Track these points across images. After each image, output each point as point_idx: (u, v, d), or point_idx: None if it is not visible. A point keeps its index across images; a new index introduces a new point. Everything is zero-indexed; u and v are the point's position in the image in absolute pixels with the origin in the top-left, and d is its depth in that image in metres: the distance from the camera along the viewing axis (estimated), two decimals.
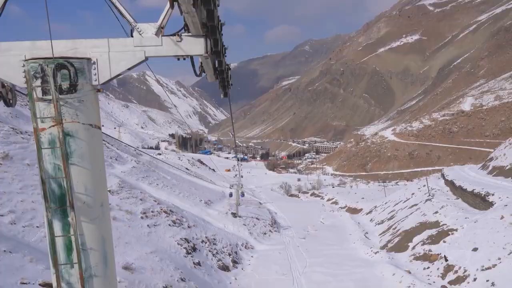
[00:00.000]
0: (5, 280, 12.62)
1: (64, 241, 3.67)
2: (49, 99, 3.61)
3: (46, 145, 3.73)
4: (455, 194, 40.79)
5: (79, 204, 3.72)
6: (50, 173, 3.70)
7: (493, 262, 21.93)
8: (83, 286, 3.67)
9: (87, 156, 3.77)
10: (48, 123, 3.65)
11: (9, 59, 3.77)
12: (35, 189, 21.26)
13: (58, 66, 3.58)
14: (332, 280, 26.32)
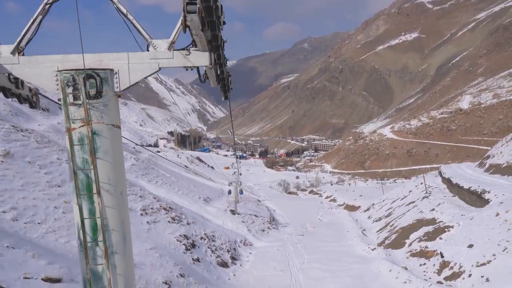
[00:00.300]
0: (8, 275, 12.87)
1: (91, 223, 4.30)
2: (79, 104, 4.21)
3: (77, 142, 4.27)
4: (452, 191, 41.13)
5: (103, 192, 4.32)
6: (80, 165, 4.26)
7: (488, 258, 22.23)
8: (107, 261, 4.32)
9: (110, 151, 4.37)
10: (78, 124, 4.21)
11: (43, 70, 4.41)
12: (36, 186, 21.56)
13: (87, 76, 4.20)
14: (329, 276, 26.66)
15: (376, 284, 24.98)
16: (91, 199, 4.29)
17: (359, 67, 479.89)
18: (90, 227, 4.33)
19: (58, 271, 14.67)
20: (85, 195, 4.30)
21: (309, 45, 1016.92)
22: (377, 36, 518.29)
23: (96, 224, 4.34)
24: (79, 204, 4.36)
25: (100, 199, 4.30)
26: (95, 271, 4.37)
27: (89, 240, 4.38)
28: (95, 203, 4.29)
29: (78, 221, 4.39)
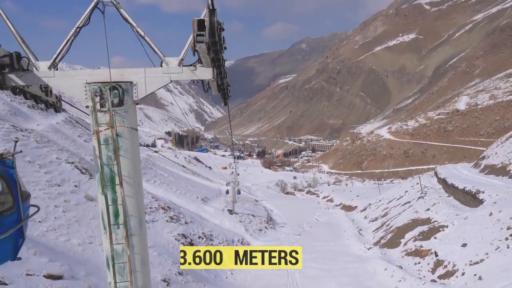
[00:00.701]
0: (11, 271, 13.18)
1: (113, 209, 4.99)
2: (105, 110, 4.91)
3: (103, 142, 4.96)
4: (447, 191, 41.58)
5: (124, 184, 5.01)
6: (105, 161, 4.93)
7: (481, 257, 22.66)
8: (127, 242, 5.01)
9: (129, 150, 5.09)
10: (104, 127, 4.90)
11: (74, 82, 5.16)
12: (36, 185, 21.86)
13: (111, 87, 4.91)
14: (325, 275, 27.05)
15: (371, 282, 25.37)
16: (114, 190, 5.02)
17: (356, 67, 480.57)
18: (113, 213, 5.04)
19: (59, 268, 15.02)
20: (109, 186, 5.03)
21: (307, 45, 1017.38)
22: (374, 37, 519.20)
23: (118, 211, 5.05)
24: (104, 194, 5.03)
25: (122, 189, 5.01)
26: (117, 249, 5.07)
27: (112, 223, 5.09)
28: (117, 193, 5.01)
29: (102, 207, 5.10)
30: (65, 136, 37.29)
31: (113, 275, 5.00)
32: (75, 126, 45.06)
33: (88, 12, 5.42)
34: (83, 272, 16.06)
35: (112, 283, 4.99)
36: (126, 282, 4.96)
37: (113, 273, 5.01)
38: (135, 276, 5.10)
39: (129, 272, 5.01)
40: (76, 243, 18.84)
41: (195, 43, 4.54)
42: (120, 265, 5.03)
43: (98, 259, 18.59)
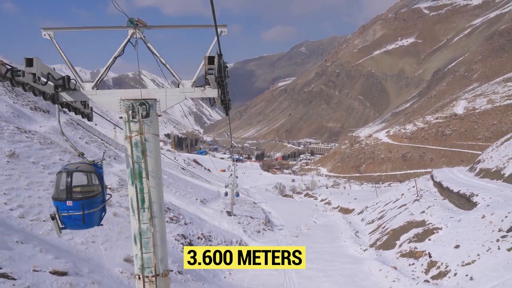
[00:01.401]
0: (19, 267, 13.79)
1: (141, 197, 6.09)
2: (136, 121, 6.08)
3: (134, 145, 6.10)
4: (443, 194, 42.21)
5: (150, 177, 6.12)
6: (135, 160, 6.06)
7: (473, 258, 23.27)
8: (151, 222, 6.13)
9: (153, 151, 6.21)
10: (135, 134, 6.06)
11: (111, 99, 6.36)
12: (40, 185, 22.44)
13: (141, 103, 6.06)
14: (322, 275, 27.65)
15: (366, 282, 25.98)
16: (141, 182, 6.10)
17: (355, 71, 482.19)
18: (141, 200, 6.14)
19: (64, 265, 15.62)
20: (138, 179, 6.13)
21: (307, 48, 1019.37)
22: (374, 40, 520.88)
23: (144, 198, 6.14)
24: (134, 185, 6.15)
25: (148, 181, 6.12)
26: (143, 228, 6.16)
27: (140, 207, 6.18)
28: (144, 184, 6.11)
29: (132, 195, 6.20)
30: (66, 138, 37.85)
31: (140, 248, 6.13)
32: (76, 128, 45.65)
33: (123, 46, 6.69)
34: (86, 269, 16.66)
35: (139, 254, 6.14)
36: (150, 253, 6.10)
37: (140, 246, 6.13)
38: (156, 249, 6.19)
39: (152, 246, 6.14)
40: (79, 242, 19.41)
41: (206, 74, 5.85)
42: (145, 240, 6.14)
43: (100, 257, 19.19)
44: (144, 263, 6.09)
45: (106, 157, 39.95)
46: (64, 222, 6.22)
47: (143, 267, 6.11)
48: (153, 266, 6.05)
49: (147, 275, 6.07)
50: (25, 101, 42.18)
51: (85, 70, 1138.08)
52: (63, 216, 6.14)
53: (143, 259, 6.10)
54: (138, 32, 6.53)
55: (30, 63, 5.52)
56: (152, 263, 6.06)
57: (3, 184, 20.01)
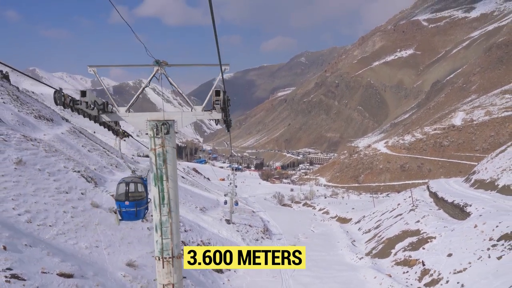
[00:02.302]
0: (28, 269, 14.53)
1: (162, 196, 7.31)
2: (159, 136, 7.27)
3: (157, 155, 7.31)
4: (438, 205, 42.97)
5: (169, 180, 7.41)
6: (158, 167, 7.27)
7: (464, 266, 24.00)
8: (170, 214, 7.41)
9: (171, 160, 7.44)
10: (158, 146, 7.27)
11: (140, 119, 7.60)
12: (46, 192, 23.22)
13: (163, 123, 7.26)
14: (318, 282, 28.33)
15: None
16: (162, 184, 7.37)
17: (355, 82, 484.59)
18: (161, 197, 7.42)
19: (70, 268, 16.36)
20: (160, 181, 7.41)
21: (306, 59, 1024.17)
22: (373, 52, 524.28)
23: (164, 196, 7.42)
24: (157, 186, 7.43)
25: (167, 183, 7.44)
26: (163, 219, 7.42)
27: (161, 203, 7.47)
28: (164, 185, 7.38)
29: (155, 194, 7.45)
30: (70, 146, 38.68)
31: (160, 235, 7.42)
32: (79, 137, 46.46)
33: (150, 79, 8.26)
34: (91, 272, 17.39)
35: (159, 240, 7.42)
36: (168, 239, 7.39)
37: (160, 234, 7.41)
38: (173, 236, 7.53)
39: (170, 233, 7.47)
40: (84, 246, 20.15)
41: (214, 103, 7.45)
42: (165, 228, 7.42)
43: (103, 261, 19.90)
44: (163, 247, 7.38)
45: (108, 166, 40.74)
46: (122, 216, 8.38)
47: (163, 250, 7.40)
48: (170, 249, 7.36)
49: (165, 257, 7.38)
50: (29, 109, 43.06)
51: (86, 78, 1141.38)
52: (123, 211, 8.31)
53: (163, 244, 7.37)
54: (161, 68, 8.00)
55: (84, 94, 7.13)
56: (169, 247, 7.38)
57: (11, 190, 20.77)
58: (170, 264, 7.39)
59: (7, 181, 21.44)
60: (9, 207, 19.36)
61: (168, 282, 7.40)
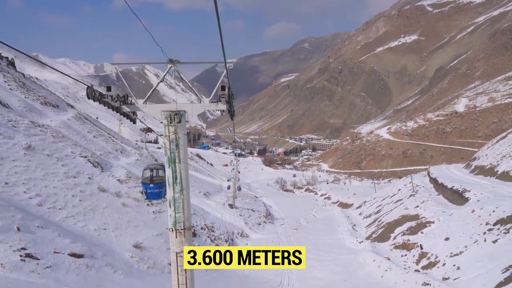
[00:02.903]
0: (41, 249, 15.31)
1: (174, 176, 8.08)
2: (172, 125, 8.03)
3: (171, 141, 8.07)
4: (438, 190, 43.59)
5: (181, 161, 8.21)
6: (172, 151, 8.02)
7: (461, 250, 24.67)
8: (181, 192, 8.15)
9: (183, 145, 8.21)
10: (171, 133, 8.03)
11: (155, 110, 8.44)
12: (55, 176, 23.95)
13: (176, 113, 8.05)
14: (318, 265, 29.09)
15: (360, 272, 27.42)
16: (175, 165, 8.15)
17: (358, 68, 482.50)
18: (174, 177, 8.23)
19: (80, 248, 17.15)
20: (173, 163, 8.16)
21: (310, 45, 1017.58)
22: (376, 37, 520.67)
23: (176, 176, 8.19)
24: (171, 167, 8.23)
25: (180, 165, 8.23)
26: (176, 196, 8.17)
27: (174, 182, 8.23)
28: (177, 167, 8.18)
29: (169, 174, 8.22)
30: (75, 132, 39.36)
31: (174, 210, 8.18)
32: (84, 123, 47.10)
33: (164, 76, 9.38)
34: (100, 253, 18.18)
35: (173, 214, 8.17)
36: (180, 213, 8.12)
37: (173, 209, 8.18)
38: (184, 210, 8.25)
39: (182, 208, 8.20)
40: (92, 229, 20.94)
41: (220, 97, 8.37)
42: (177, 204, 8.18)
43: (111, 243, 20.70)
44: (176, 220, 8.16)
45: (113, 151, 41.46)
46: (148, 196, 9.96)
47: (175, 223, 8.19)
48: (182, 222, 8.13)
49: (177, 228, 8.17)
50: (36, 96, 43.67)
51: (89, 64, 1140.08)
52: (148, 192, 9.88)
53: (175, 217, 8.16)
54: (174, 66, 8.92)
55: (109, 89, 8.12)
56: (181, 220, 8.15)
57: (21, 175, 21.50)
58: (182, 235, 8.13)
59: (17, 166, 22.16)
60: (20, 190, 20.10)
61: (180, 250, 8.11)
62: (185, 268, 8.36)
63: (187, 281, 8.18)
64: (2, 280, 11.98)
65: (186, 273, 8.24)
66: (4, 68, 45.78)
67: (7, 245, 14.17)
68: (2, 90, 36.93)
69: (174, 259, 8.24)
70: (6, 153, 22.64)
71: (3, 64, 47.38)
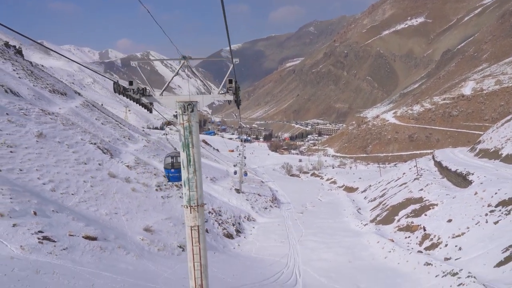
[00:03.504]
0: (57, 232, 16.04)
1: (188, 158, 8.78)
2: (186, 114, 8.70)
3: (185, 128, 8.75)
4: (442, 173, 44.03)
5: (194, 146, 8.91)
6: (185, 136, 8.70)
7: (463, 231, 25.25)
8: (195, 173, 8.87)
9: (195, 131, 8.88)
10: (185, 121, 8.69)
11: (171, 101, 9.02)
12: (67, 163, 24.68)
13: (189, 104, 8.73)
14: (323, 247, 29.83)
15: (364, 253, 28.10)
16: (189, 149, 8.88)
17: (364, 51, 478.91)
18: (188, 160, 8.99)
19: (93, 231, 17.89)
20: (187, 147, 8.88)
21: (315, 28, 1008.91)
22: (383, 20, 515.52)
23: (190, 158, 8.93)
24: (185, 151, 8.98)
25: (193, 149, 8.96)
26: (190, 177, 8.91)
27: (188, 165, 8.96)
28: (190, 151, 8.93)
29: (184, 158, 8.96)
30: (84, 119, 40.03)
31: (188, 188, 8.92)
32: (92, 110, 47.75)
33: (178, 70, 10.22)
34: (112, 236, 18.93)
35: (187, 193, 8.90)
36: (194, 192, 8.86)
37: (188, 188, 8.92)
38: (197, 189, 8.97)
39: (195, 187, 8.93)
40: (104, 213, 21.68)
41: (228, 89, 9.04)
42: (191, 183, 8.92)
43: (122, 226, 21.44)
44: (190, 198, 8.91)
45: (121, 138, 42.16)
46: (170, 179, 11.53)
47: (190, 200, 8.96)
48: (195, 199, 8.89)
49: (191, 205, 8.92)
50: (44, 84, 44.28)
51: (93, 51, 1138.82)
52: (170, 176, 11.45)
53: (190, 195, 8.92)
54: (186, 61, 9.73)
55: (131, 83, 9.02)
56: (195, 198, 8.90)
57: (35, 162, 22.22)
58: (196, 211, 8.84)
59: (30, 153, 22.87)
60: (34, 177, 20.82)
61: (194, 224, 8.81)
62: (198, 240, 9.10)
63: (200, 251, 8.87)
64: (22, 261, 12.64)
65: (199, 244, 8.95)
66: (12, 56, 46.35)
67: (25, 228, 14.87)
68: (12, 78, 37.55)
69: (189, 232, 8.96)
70: (19, 140, 23.34)
71: (11, 52, 47.96)
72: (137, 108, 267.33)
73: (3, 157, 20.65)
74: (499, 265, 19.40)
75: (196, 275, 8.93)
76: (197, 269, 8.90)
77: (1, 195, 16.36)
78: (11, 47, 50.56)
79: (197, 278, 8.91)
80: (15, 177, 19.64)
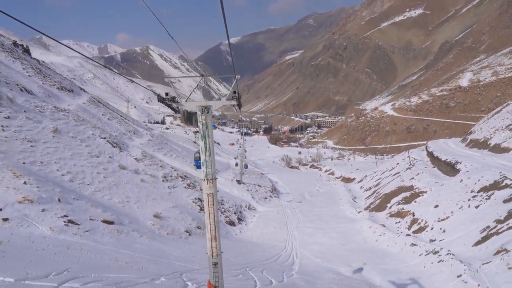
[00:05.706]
0: (79, 216, 18.12)
1: (205, 146, 10.47)
2: (203, 114, 10.43)
3: (203, 124, 10.49)
4: (433, 163, 46.09)
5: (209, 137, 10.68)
6: (203, 133, 10.44)
7: (447, 215, 27.40)
8: (210, 156, 10.67)
9: (209, 126, 10.66)
10: (203, 119, 10.45)
11: (193, 105, 10.71)
12: (81, 156, 26.73)
13: (206, 107, 10.46)
14: (319, 232, 32.01)
15: (357, 237, 30.29)
16: (206, 140, 10.59)
17: (363, 44, 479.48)
18: (205, 147, 10.75)
19: (110, 217, 20.00)
20: (204, 139, 10.59)
21: (314, 21, 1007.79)
22: (381, 12, 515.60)
23: (207, 146, 10.62)
24: (203, 141, 10.75)
25: (208, 140, 10.77)
26: (207, 158, 10.66)
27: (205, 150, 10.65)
28: (207, 140, 10.69)
29: (202, 145, 10.68)
30: (91, 115, 42.05)
31: (205, 167, 10.64)
32: (98, 106, 49.71)
33: (196, 86, 12.86)
34: (127, 221, 21.03)
35: (205, 170, 10.63)
36: (209, 169, 10.54)
37: (205, 166, 10.64)
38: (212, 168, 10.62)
39: (210, 166, 10.58)
40: (117, 201, 23.76)
41: (232, 97, 10.86)
42: (207, 163, 10.61)
43: (134, 213, 23.53)
44: (207, 173, 10.58)
45: (127, 132, 44.20)
46: (198, 166, 12.12)
47: (207, 175, 10.64)
48: (211, 174, 10.56)
49: (208, 178, 10.59)
50: (52, 81, 46.18)
51: (92, 45, 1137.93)
52: (198, 165, 12.04)
53: (206, 172, 10.59)
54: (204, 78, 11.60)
55: (167, 94, 10.79)
56: (210, 174, 10.58)
57: (53, 155, 24.28)
58: (211, 182, 10.58)
59: (48, 147, 24.90)
60: (53, 168, 22.88)
61: (210, 192, 10.47)
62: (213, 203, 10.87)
63: (214, 211, 10.66)
64: (53, 240, 14.71)
65: (214, 206, 10.71)
66: (21, 55, 48.20)
67: (52, 213, 16.94)
68: (22, 77, 39.45)
69: (206, 198, 10.71)
70: (37, 136, 25.36)
71: (19, 51, 49.81)
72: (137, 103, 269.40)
73: (25, 151, 22.67)
74: (476, 244, 21.51)
75: (211, 228, 10.80)
76: (211, 224, 10.74)
77: (29, 184, 18.40)
78: (19, 46, 52.38)
79: (211, 230, 10.78)
80: (37, 169, 21.67)
